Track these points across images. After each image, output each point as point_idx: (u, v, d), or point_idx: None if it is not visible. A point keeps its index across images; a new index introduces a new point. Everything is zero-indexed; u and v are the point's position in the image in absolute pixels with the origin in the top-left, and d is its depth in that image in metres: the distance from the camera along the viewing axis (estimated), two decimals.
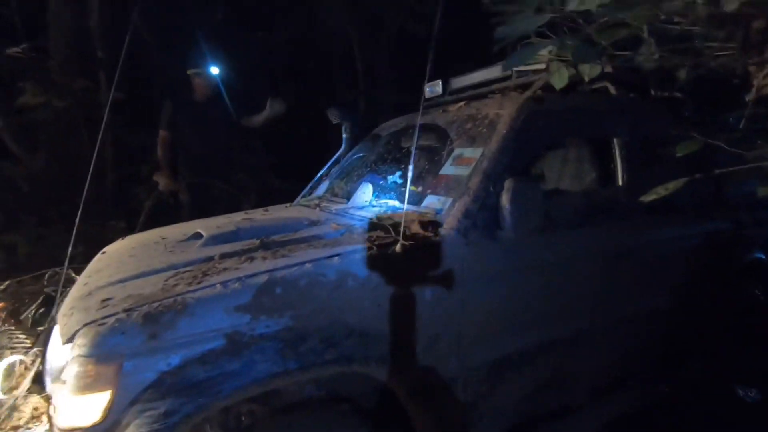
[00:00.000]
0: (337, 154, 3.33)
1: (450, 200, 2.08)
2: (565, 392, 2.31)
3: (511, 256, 2.05)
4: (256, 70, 6.17)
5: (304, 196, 3.27)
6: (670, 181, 1.73)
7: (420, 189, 2.31)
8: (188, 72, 4.36)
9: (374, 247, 1.82)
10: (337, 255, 1.77)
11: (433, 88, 2.98)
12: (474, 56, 2.76)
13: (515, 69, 2.52)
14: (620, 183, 2.44)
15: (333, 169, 3.31)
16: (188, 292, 1.57)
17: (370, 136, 3.29)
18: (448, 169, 2.25)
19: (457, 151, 2.29)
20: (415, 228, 2.00)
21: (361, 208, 2.43)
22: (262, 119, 4.35)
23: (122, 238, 2.63)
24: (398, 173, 2.52)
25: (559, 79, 2.00)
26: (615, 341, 2.43)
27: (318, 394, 1.93)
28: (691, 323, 2.67)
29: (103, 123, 2.55)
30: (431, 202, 2.14)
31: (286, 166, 6.40)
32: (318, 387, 1.92)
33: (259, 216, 2.60)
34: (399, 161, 2.66)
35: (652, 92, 2.69)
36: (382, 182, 2.54)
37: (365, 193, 2.49)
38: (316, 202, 2.90)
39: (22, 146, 5.63)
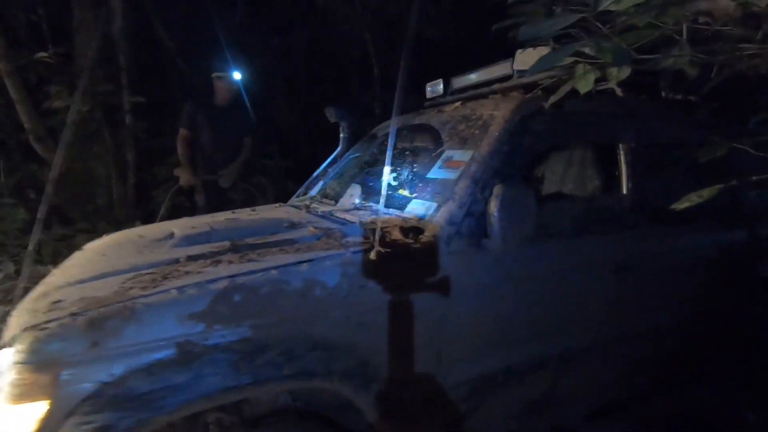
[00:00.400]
0: (334, 154, 3.18)
1: (435, 205, 1.91)
2: (558, 414, 2.11)
3: (499, 267, 1.88)
4: (272, 74, 6.10)
5: (298, 196, 3.13)
6: (704, 189, 1.57)
7: (407, 192, 2.15)
8: (212, 75, 4.37)
9: (348, 254, 1.67)
10: (306, 261, 1.63)
11: (434, 88, 2.83)
12: (486, 54, 2.56)
13: (517, 69, 2.34)
14: (624, 190, 2.23)
15: (329, 170, 3.16)
16: (141, 296, 1.45)
17: (367, 137, 3.15)
18: (436, 172, 2.09)
19: (447, 154, 2.13)
20: (396, 234, 1.85)
21: (348, 210, 2.28)
22: (237, 167, 4.38)
23: (106, 235, 2.54)
24: (389, 175, 2.37)
25: (586, 83, 1.80)
26: (615, 360, 2.22)
27: (292, 405, 1.80)
28: (700, 342, 2.42)
29: (126, 124, 2.43)
30: (416, 206, 1.98)
31: (303, 170, 6.31)
32: (293, 397, 1.78)
33: (244, 216, 2.47)
34: (390, 163, 2.51)
35: (663, 94, 2.48)
36: (371, 184, 2.40)
37: (353, 195, 2.34)
38: (307, 202, 2.76)
39: (47, 148, 5.62)
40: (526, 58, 2.27)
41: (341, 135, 3.23)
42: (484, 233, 1.84)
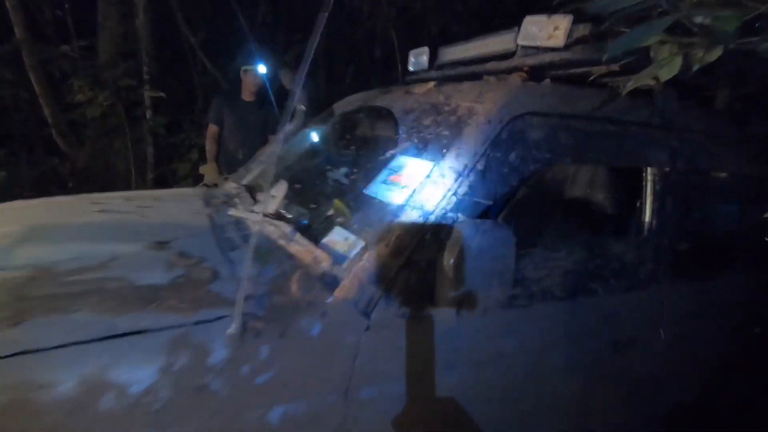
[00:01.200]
0: (286, 130, 2.40)
1: (361, 245, 1.18)
2: None
3: (449, 350, 1.14)
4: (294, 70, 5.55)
5: (239, 178, 2.38)
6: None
7: (335, 210, 1.44)
8: (241, 69, 3.97)
9: (188, 326, 0.98)
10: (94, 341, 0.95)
11: (418, 59, 2.05)
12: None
13: (522, 44, 1.58)
14: (645, 232, 1.55)
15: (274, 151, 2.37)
16: None
17: (326, 112, 2.39)
18: (377, 187, 1.36)
19: (397, 161, 1.39)
20: (293, 287, 1.13)
21: (256, 221, 1.57)
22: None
23: None
24: (326, 172, 1.63)
25: (670, 69, 1.29)
26: None
27: None
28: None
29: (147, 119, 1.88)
30: (336, 239, 1.27)
31: None
32: None
33: (127, 206, 1.79)
34: (333, 157, 1.76)
35: (719, 101, 1.67)
36: (299, 185, 1.68)
37: (275, 196, 1.63)
38: (235, 189, 2.04)
39: (69, 142, 5.31)
40: (535, 30, 1.52)
41: (297, 107, 2.42)
42: (430, 297, 1.16)
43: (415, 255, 1.20)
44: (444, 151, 1.33)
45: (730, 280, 1.74)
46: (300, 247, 1.33)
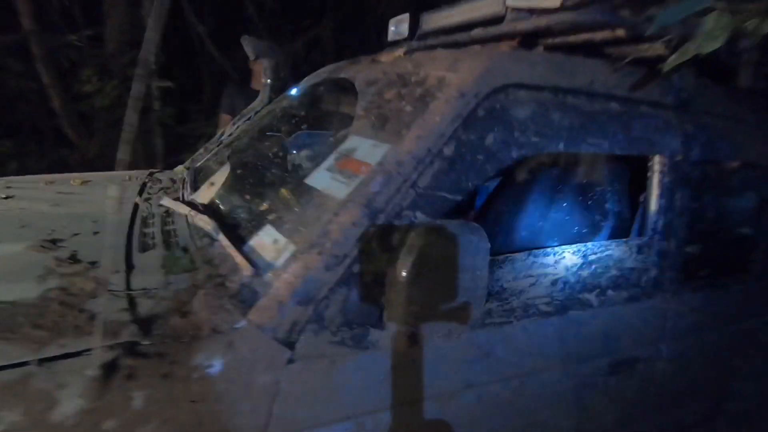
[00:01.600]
0: (251, 106, 2.08)
1: (292, 249, 0.89)
2: None
3: (405, 383, 0.95)
4: (302, 62, 5.29)
5: (194, 160, 2.04)
6: None
7: (270, 205, 1.15)
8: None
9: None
10: None
11: (398, 27, 1.72)
12: None
13: (511, 6, 1.26)
14: (650, 231, 1.24)
15: (232, 130, 2.05)
16: None
17: (295, 86, 2.01)
18: (320, 176, 1.06)
19: (348, 143, 1.09)
20: (197, 306, 0.86)
21: (181, 215, 1.30)
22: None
23: None
24: (276, 156, 1.33)
25: (721, 32, 1.04)
26: None
27: None
28: None
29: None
30: (264, 242, 0.98)
31: None
32: None
33: (48, 190, 1.53)
34: (287, 138, 1.45)
35: (742, 78, 1.35)
36: (240, 170, 1.39)
37: (213, 184, 1.34)
38: (183, 174, 1.76)
39: (78, 133, 5.17)
40: None
41: (263, 80, 2.08)
42: (378, 319, 0.92)
43: (358, 266, 0.90)
44: (404, 129, 1.02)
45: (748, 287, 1.43)
46: (220, 250, 1.05)
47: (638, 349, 1.24)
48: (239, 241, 1.07)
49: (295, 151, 1.47)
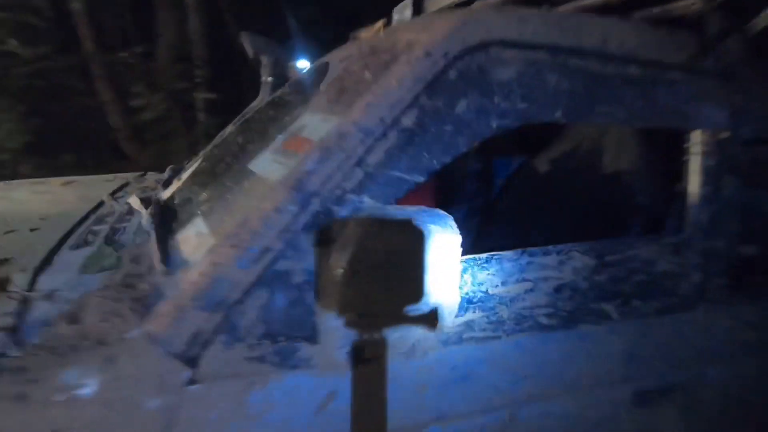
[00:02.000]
0: (251, 105, 1.88)
1: (210, 243, 0.71)
2: None
3: (345, 413, 0.76)
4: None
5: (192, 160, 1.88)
6: None
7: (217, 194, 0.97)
8: (289, 64, 3.87)
9: None
10: None
11: (402, 14, 1.53)
12: None
13: None
14: (688, 226, 0.95)
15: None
16: None
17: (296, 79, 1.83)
18: (264, 158, 0.87)
19: (301, 119, 0.89)
20: (94, 312, 0.68)
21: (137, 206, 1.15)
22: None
23: None
24: (252, 146, 1.16)
25: None
26: None
27: None
28: None
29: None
30: (188, 236, 0.81)
31: None
32: None
33: (29, 190, 1.43)
34: (269, 129, 1.26)
35: None
36: (206, 163, 1.24)
37: (180, 180, 1.20)
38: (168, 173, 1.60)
39: (132, 146, 5.36)
40: None
41: (262, 78, 1.89)
42: (309, 330, 0.73)
43: (281, 263, 0.70)
44: (356, 98, 0.82)
45: None
46: (141, 247, 0.88)
47: (674, 373, 0.95)
48: (172, 236, 0.90)
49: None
